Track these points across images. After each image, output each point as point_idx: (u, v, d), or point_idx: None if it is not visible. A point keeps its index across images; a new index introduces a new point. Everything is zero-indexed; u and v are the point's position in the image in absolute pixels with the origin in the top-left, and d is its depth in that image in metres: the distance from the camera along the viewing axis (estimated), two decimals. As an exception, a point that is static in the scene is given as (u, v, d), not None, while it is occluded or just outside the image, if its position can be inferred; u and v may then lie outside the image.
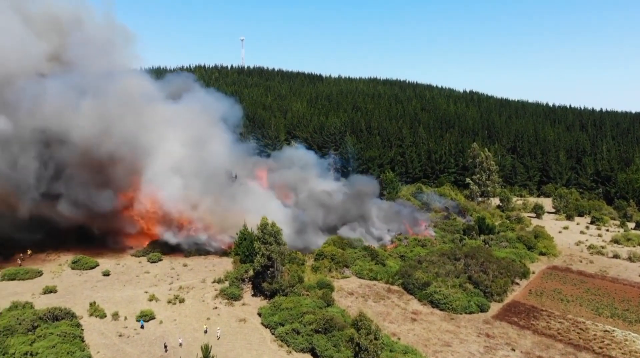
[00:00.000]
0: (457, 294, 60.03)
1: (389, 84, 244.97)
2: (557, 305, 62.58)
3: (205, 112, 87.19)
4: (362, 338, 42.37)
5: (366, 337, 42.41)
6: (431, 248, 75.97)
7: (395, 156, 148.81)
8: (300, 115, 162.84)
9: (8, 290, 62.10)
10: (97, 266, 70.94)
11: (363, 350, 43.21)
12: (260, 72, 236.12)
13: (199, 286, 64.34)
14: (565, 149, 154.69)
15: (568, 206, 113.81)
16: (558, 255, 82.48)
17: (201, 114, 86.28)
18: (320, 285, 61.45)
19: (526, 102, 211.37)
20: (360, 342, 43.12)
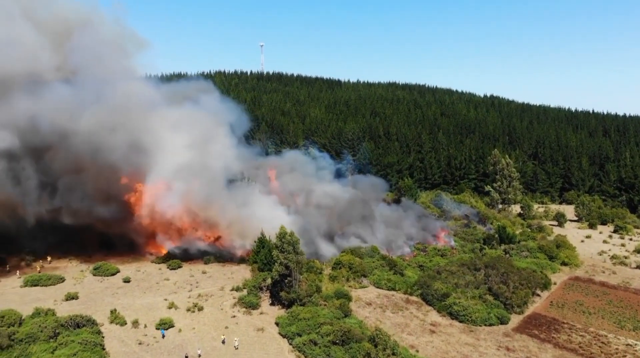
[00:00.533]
0: (476, 306, 59.37)
1: (408, 89, 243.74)
2: (578, 317, 61.47)
3: (209, 117, 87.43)
4: (379, 354, 42.15)
5: (383, 352, 42.17)
6: (451, 258, 75.31)
7: (414, 161, 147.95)
8: (318, 121, 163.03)
9: (31, 295, 63.39)
10: (117, 272, 71.93)
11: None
12: (279, 78, 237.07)
13: (218, 294, 64.76)
14: (588, 156, 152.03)
15: (591, 215, 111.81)
16: (580, 265, 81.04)
17: (205, 119, 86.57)
18: (337, 295, 61.30)
19: (548, 107, 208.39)
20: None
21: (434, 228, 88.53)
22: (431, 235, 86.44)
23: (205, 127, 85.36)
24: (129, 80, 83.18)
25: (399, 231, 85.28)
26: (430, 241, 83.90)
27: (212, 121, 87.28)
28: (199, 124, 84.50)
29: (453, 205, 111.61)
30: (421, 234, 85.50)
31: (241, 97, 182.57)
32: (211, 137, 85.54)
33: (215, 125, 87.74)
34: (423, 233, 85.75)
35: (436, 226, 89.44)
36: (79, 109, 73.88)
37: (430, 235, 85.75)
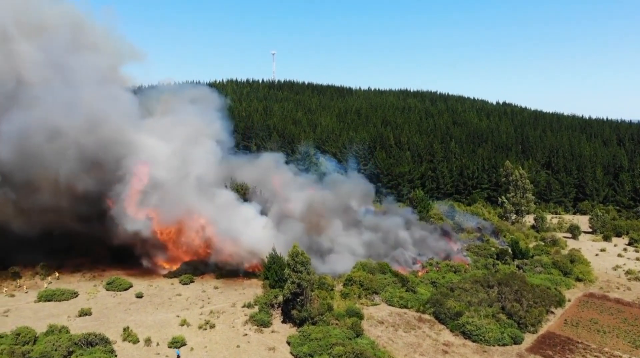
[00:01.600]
0: (490, 325, 58.80)
1: (420, 96, 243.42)
2: (593, 336, 60.66)
3: (191, 125, 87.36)
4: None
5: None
6: (464, 274, 74.72)
7: (425, 171, 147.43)
8: (329, 130, 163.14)
9: (45, 311, 63.80)
10: (130, 287, 72.25)
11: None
12: (291, 86, 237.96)
13: (229, 310, 64.79)
14: (602, 165, 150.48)
15: (605, 227, 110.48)
16: (595, 280, 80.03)
17: (186, 127, 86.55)
18: (349, 313, 61.08)
19: (561, 115, 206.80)
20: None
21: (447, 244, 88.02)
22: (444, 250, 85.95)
23: (187, 136, 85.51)
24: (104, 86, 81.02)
25: (408, 245, 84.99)
26: (442, 256, 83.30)
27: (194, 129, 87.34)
28: (180, 133, 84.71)
29: (465, 217, 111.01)
30: (433, 248, 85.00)
31: (253, 107, 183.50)
32: (192, 146, 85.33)
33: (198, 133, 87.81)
34: (435, 247, 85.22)
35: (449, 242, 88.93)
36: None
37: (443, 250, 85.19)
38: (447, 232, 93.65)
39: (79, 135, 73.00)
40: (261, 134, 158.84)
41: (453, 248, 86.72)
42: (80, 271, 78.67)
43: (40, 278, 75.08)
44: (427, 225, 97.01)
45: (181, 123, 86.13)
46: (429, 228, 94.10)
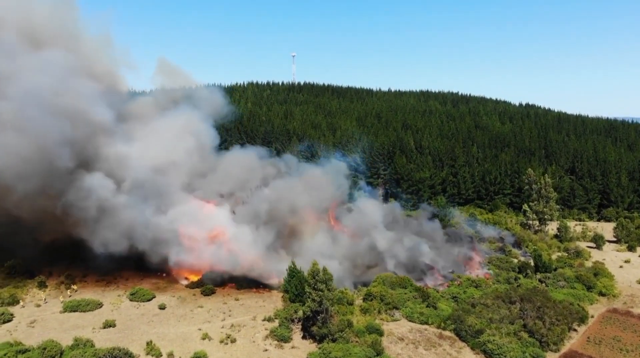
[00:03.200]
0: (511, 344, 58.30)
1: (441, 98, 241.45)
2: (616, 355, 59.64)
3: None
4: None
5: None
6: (485, 289, 74.08)
7: (447, 176, 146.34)
8: (349, 134, 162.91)
9: (70, 322, 65.24)
10: (153, 298, 73.40)
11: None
12: (310, 89, 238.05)
13: (250, 324, 65.41)
14: (628, 171, 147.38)
15: (630, 236, 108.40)
16: (618, 295, 78.52)
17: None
18: (369, 330, 61.16)
19: (585, 118, 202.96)
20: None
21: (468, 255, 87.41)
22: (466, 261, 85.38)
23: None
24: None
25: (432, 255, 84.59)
26: (463, 270, 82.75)
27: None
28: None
29: (487, 227, 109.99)
30: (453, 261, 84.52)
31: (274, 111, 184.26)
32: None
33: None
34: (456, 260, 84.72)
35: (470, 253, 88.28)
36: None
37: (463, 263, 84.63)
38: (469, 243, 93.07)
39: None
40: (281, 138, 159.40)
41: (475, 261, 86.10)
42: (105, 280, 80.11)
43: (65, 287, 76.59)
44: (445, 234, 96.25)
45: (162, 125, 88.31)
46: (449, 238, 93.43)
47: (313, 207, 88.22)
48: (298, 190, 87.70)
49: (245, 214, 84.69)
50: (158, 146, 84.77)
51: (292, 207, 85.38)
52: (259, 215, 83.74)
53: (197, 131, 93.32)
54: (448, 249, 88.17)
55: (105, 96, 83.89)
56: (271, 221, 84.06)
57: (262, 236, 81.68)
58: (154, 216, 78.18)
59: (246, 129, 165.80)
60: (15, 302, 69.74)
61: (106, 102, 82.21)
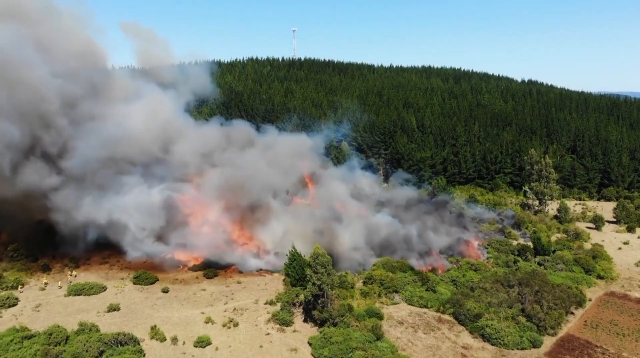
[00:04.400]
0: (509, 328, 59.27)
1: (443, 74, 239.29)
2: (612, 340, 60.63)
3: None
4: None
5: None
6: (484, 272, 74.83)
7: (448, 156, 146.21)
8: (350, 113, 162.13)
9: (75, 306, 66.17)
10: (156, 281, 74.24)
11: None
12: (311, 65, 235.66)
13: (252, 308, 66.38)
14: (629, 150, 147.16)
15: (630, 217, 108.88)
16: (616, 278, 79.39)
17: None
18: (369, 313, 62.13)
19: (588, 96, 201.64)
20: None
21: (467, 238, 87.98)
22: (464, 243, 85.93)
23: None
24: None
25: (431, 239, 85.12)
26: (463, 252, 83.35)
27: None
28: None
29: (488, 206, 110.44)
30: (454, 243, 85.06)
31: (274, 89, 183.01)
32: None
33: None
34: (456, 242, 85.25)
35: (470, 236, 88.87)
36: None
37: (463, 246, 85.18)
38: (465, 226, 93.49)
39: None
40: (282, 117, 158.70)
41: (473, 244, 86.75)
42: (108, 263, 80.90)
43: (68, 269, 77.39)
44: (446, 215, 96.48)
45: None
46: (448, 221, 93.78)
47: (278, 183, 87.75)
48: (260, 166, 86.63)
49: (209, 191, 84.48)
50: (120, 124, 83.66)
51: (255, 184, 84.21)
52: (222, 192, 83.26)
53: (161, 110, 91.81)
54: (447, 231, 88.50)
55: (73, 72, 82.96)
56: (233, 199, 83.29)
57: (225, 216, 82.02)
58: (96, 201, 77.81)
59: (246, 107, 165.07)
60: (21, 286, 70.59)
61: (69, 78, 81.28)
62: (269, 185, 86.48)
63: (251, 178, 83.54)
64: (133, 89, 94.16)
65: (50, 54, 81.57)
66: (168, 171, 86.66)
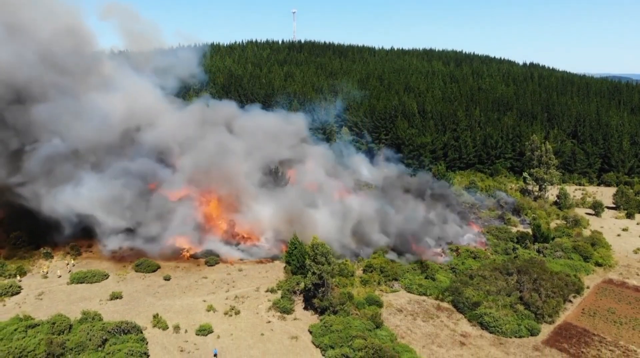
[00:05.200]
0: (507, 317, 59.95)
1: (444, 57, 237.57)
2: (609, 328, 61.37)
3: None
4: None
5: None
6: (484, 260, 75.36)
7: (448, 141, 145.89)
8: (350, 98, 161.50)
9: (77, 294, 66.81)
10: (158, 268, 74.78)
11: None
12: (311, 47, 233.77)
13: (253, 295, 67.05)
14: (630, 135, 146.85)
15: (629, 203, 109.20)
16: (614, 265, 79.96)
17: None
18: (369, 301, 62.83)
19: (590, 79, 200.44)
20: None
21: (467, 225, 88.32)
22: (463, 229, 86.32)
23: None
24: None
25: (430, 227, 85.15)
26: (461, 240, 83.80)
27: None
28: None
29: (487, 192, 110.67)
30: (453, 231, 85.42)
31: (274, 73, 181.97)
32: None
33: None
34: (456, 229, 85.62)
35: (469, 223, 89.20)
36: None
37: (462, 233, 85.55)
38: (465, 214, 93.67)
39: None
40: (282, 101, 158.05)
41: (473, 230, 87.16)
42: (109, 250, 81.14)
43: (71, 257, 77.85)
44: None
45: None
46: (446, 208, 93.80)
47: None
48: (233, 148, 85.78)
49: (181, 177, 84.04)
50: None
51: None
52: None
53: (137, 96, 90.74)
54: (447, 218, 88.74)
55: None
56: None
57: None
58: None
59: (246, 92, 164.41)
60: (23, 274, 71.12)
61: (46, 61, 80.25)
62: (243, 169, 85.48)
63: (222, 161, 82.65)
64: (109, 74, 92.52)
65: (28, 36, 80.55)
66: (140, 159, 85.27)
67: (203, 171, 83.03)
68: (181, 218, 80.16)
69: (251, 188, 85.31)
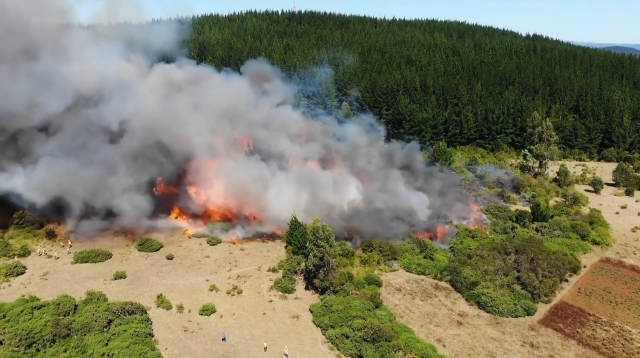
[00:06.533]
0: (504, 296, 61.08)
1: (447, 29, 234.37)
2: (605, 308, 62.54)
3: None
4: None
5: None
6: (482, 240, 76.16)
7: (449, 116, 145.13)
8: (351, 72, 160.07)
9: (82, 273, 67.86)
10: (161, 248, 75.70)
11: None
12: (311, 18, 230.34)
13: (255, 275, 68.14)
14: (632, 110, 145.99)
15: (629, 180, 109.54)
16: (612, 244, 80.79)
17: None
18: (368, 281, 63.93)
19: (593, 52, 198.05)
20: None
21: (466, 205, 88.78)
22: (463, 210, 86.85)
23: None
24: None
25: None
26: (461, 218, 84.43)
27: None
28: None
29: (488, 169, 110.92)
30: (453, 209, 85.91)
31: (274, 46, 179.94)
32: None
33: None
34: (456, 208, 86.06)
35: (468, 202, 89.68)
36: None
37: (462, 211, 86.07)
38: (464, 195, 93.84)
39: None
40: (282, 75, 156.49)
41: (472, 209, 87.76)
42: (112, 229, 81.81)
43: (74, 237, 78.49)
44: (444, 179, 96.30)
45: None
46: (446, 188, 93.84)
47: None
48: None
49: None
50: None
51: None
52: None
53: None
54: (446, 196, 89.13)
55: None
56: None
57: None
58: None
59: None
60: (27, 253, 72.01)
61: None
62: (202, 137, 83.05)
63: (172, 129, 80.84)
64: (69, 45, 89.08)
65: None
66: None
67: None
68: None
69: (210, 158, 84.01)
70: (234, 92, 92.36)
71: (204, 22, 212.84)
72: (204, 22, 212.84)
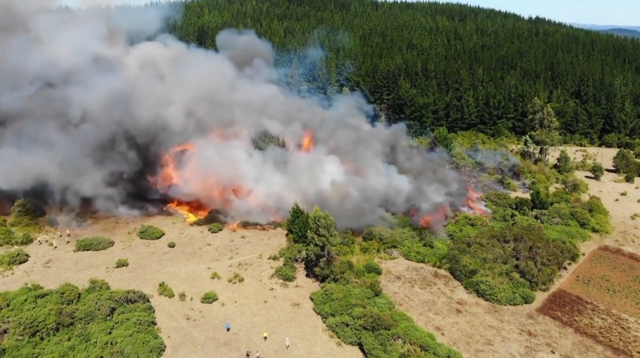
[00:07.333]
0: (502, 285, 61.67)
1: (449, 12, 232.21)
2: (602, 296, 63.17)
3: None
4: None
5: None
6: (481, 227, 76.56)
7: (451, 101, 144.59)
8: (352, 56, 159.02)
9: (84, 261, 68.41)
10: (162, 235, 76.11)
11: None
12: (312, 1, 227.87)
13: (256, 263, 68.71)
14: (633, 95, 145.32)
15: (629, 167, 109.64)
16: (611, 231, 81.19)
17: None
18: (368, 269, 64.52)
19: (595, 36, 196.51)
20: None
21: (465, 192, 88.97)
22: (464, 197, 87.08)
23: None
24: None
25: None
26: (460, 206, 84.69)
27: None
28: None
29: (488, 155, 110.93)
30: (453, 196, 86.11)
31: (274, 30, 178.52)
32: None
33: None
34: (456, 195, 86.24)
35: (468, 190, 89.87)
36: None
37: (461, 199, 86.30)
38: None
39: None
40: (281, 60, 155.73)
41: (473, 197, 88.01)
42: (114, 217, 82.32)
43: (76, 224, 78.99)
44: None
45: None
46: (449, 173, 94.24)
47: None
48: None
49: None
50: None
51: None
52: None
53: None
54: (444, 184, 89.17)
55: None
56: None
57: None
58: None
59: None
60: (29, 241, 72.49)
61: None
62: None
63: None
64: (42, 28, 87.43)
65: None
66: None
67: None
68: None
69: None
70: (213, 71, 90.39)
71: (203, 5, 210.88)
72: (203, 5, 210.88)
